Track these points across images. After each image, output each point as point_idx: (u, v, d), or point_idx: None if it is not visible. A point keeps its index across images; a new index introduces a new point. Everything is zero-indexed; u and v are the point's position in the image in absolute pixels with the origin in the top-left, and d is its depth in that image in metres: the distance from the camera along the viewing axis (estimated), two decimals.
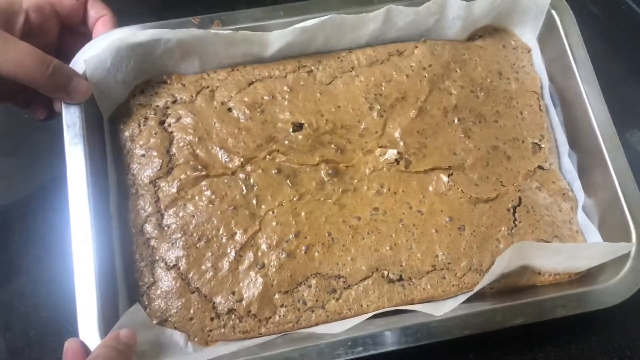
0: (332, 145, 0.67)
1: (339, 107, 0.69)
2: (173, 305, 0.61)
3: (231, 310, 0.61)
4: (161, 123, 0.67)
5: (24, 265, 0.71)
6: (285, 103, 0.69)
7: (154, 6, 0.87)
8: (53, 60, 0.58)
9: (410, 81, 0.71)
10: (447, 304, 0.60)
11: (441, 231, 0.65)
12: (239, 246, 0.63)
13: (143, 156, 0.66)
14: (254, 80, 0.70)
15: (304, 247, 0.63)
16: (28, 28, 0.62)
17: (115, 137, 0.67)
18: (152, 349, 0.57)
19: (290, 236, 0.63)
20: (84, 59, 0.63)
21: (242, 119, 0.68)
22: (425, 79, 0.71)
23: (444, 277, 0.64)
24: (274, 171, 0.66)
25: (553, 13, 0.71)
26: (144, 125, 0.67)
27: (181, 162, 0.65)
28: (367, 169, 0.67)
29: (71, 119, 0.62)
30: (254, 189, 0.65)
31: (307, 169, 0.66)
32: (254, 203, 0.64)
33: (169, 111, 0.68)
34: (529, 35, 0.75)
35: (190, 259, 0.62)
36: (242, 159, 0.66)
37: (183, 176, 0.65)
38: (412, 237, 0.64)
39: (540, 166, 0.69)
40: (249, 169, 0.66)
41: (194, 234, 0.63)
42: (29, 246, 0.71)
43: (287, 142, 0.67)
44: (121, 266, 0.62)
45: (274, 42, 0.68)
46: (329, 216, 0.64)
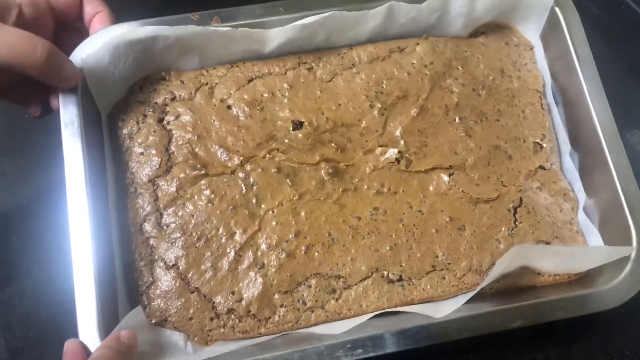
0: (333, 144, 0.67)
1: (339, 105, 0.68)
2: (172, 304, 0.61)
3: (231, 310, 0.61)
4: (160, 121, 0.67)
5: (23, 265, 0.71)
6: (285, 101, 0.68)
7: (152, 2, 0.85)
8: (46, 43, 0.57)
9: (411, 79, 0.70)
10: (446, 306, 0.60)
11: (441, 231, 0.65)
12: (238, 246, 0.62)
13: (142, 154, 0.65)
14: (253, 77, 0.69)
15: (303, 247, 0.63)
16: (22, 22, 0.60)
17: (113, 135, 0.67)
18: (152, 349, 0.57)
19: (290, 236, 0.63)
20: (82, 56, 0.62)
21: (241, 116, 0.67)
22: (426, 76, 0.70)
23: (443, 278, 0.64)
24: (273, 170, 0.65)
25: (557, 10, 0.70)
26: (142, 123, 0.66)
27: (180, 160, 0.65)
28: (368, 168, 0.67)
29: (69, 117, 0.62)
30: (254, 188, 0.64)
31: (307, 168, 0.66)
32: (254, 202, 0.64)
33: (168, 108, 0.67)
34: (532, 32, 0.74)
35: (190, 258, 0.62)
36: (241, 158, 0.65)
37: (182, 175, 0.64)
38: (412, 237, 0.64)
39: (541, 166, 0.69)
40: (248, 168, 0.65)
41: (194, 233, 0.63)
42: (28, 246, 0.71)
43: (287, 141, 0.66)
44: (120, 265, 0.62)
45: (273, 39, 0.68)
46: (329, 216, 0.64)
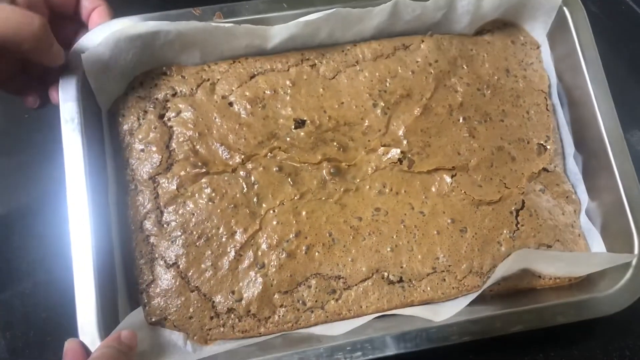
0: (335, 143, 0.66)
1: (342, 103, 0.68)
2: (172, 303, 0.61)
3: (230, 310, 0.61)
4: (161, 117, 0.66)
5: (23, 265, 0.70)
6: (288, 98, 0.67)
7: None
8: (41, 17, 0.56)
9: (415, 78, 0.69)
10: (446, 308, 0.60)
11: (443, 233, 0.64)
12: (239, 245, 0.62)
13: (142, 151, 0.65)
14: (255, 73, 0.68)
15: (304, 247, 0.63)
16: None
17: (114, 131, 0.66)
18: (152, 348, 0.57)
19: (291, 236, 0.63)
20: (82, 51, 0.61)
21: (243, 114, 0.67)
22: (431, 75, 0.69)
23: (444, 280, 0.63)
24: (275, 169, 0.65)
25: (565, 10, 0.69)
26: (143, 119, 0.66)
27: (181, 158, 0.64)
28: (370, 168, 0.66)
29: (69, 113, 0.61)
30: (255, 187, 0.64)
31: (309, 167, 0.65)
32: (255, 201, 0.64)
33: (169, 104, 0.67)
34: (538, 31, 0.73)
35: (190, 257, 0.62)
36: (242, 156, 0.65)
37: (183, 173, 0.64)
38: (413, 239, 0.64)
39: (545, 168, 0.68)
40: (249, 166, 0.65)
41: (194, 232, 0.62)
42: (28, 246, 0.71)
43: (288, 139, 0.66)
44: (120, 263, 0.62)
45: (276, 35, 0.67)
46: (330, 216, 0.64)
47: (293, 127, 0.67)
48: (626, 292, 0.60)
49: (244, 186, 0.64)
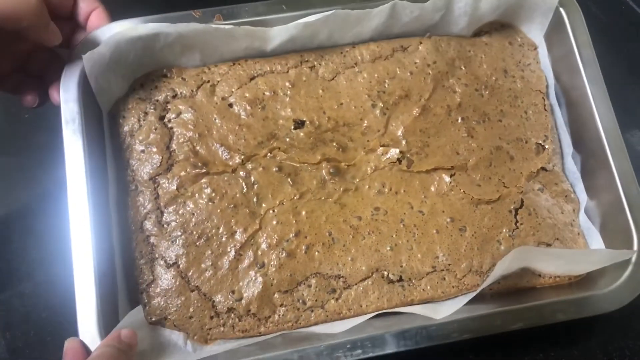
0: (334, 144, 0.67)
1: (341, 104, 0.68)
2: (172, 303, 0.61)
3: (231, 309, 0.61)
4: (161, 118, 0.67)
5: (23, 265, 0.70)
6: (287, 99, 0.68)
7: None
8: None
9: (414, 78, 0.70)
10: (446, 306, 0.60)
11: (442, 232, 0.65)
12: (239, 245, 0.62)
13: (143, 152, 0.65)
14: (255, 75, 0.69)
15: (304, 246, 0.63)
16: None
17: (114, 132, 0.67)
18: (152, 348, 0.57)
19: (291, 235, 0.63)
20: (83, 53, 0.61)
21: (243, 115, 0.67)
22: (429, 76, 0.70)
23: (443, 279, 0.63)
24: (274, 169, 0.65)
25: (561, 11, 0.70)
26: (143, 120, 0.66)
27: (181, 158, 0.65)
28: (369, 168, 0.66)
29: (70, 114, 0.61)
30: (255, 187, 0.64)
31: (309, 167, 0.66)
32: (255, 201, 0.64)
33: (169, 106, 0.67)
34: (536, 32, 0.73)
35: (190, 257, 0.62)
36: (242, 157, 0.65)
37: (183, 173, 0.64)
38: (412, 238, 0.64)
39: (543, 167, 0.69)
40: (249, 166, 0.65)
41: (194, 232, 0.63)
42: (28, 246, 0.71)
43: (288, 140, 0.66)
44: (121, 263, 0.62)
45: (276, 37, 0.67)
46: (330, 216, 0.64)
47: (292, 127, 0.67)
48: (626, 290, 0.60)
49: (244, 186, 0.64)
